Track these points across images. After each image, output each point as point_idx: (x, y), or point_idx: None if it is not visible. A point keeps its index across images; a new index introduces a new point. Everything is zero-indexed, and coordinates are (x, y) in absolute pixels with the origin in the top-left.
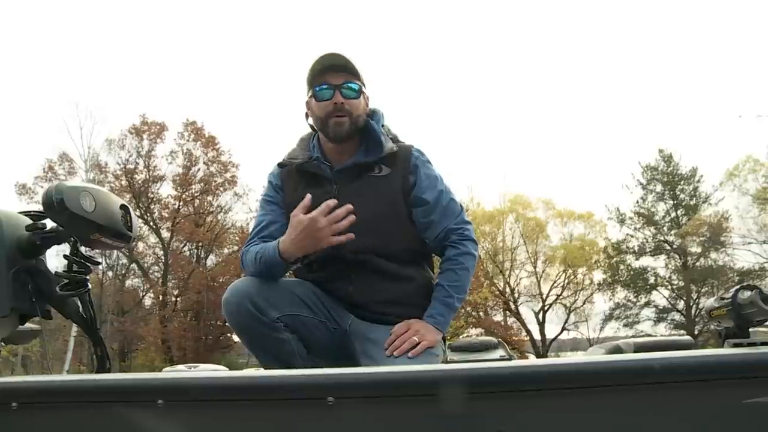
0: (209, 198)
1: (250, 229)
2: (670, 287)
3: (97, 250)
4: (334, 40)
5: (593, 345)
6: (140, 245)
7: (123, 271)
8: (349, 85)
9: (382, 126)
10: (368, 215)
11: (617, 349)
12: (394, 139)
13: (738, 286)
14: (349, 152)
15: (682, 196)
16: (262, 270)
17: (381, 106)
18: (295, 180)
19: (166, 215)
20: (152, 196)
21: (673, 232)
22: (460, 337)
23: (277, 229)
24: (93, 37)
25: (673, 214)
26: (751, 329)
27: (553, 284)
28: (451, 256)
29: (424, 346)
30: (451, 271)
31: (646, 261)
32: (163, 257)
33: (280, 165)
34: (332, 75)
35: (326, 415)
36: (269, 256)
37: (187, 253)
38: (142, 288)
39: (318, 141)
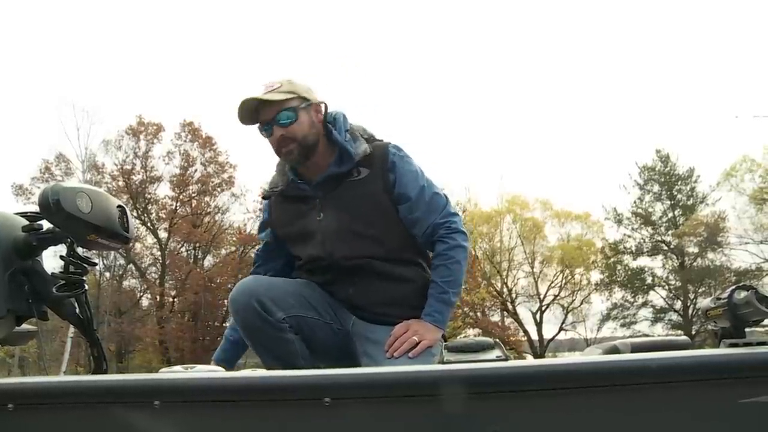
0: (207, 198)
1: (255, 229)
2: (667, 287)
3: (94, 251)
4: (332, 40)
5: (590, 345)
6: (137, 246)
7: (120, 272)
8: (280, 115)
9: (347, 130)
10: (354, 220)
11: (614, 350)
12: (370, 139)
13: (734, 286)
14: (323, 164)
15: (679, 196)
16: None
17: (379, 105)
18: (281, 206)
19: (164, 216)
20: (149, 196)
21: (670, 232)
22: (458, 337)
23: (272, 268)
24: (89, 37)
25: (670, 215)
26: (747, 329)
27: (550, 284)
28: (441, 251)
29: (423, 345)
30: (443, 266)
31: (643, 261)
32: (160, 258)
33: (264, 197)
34: (262, 111)
35: (323, 416)
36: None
37: (185, 253)
38: (139, 289)
39: None
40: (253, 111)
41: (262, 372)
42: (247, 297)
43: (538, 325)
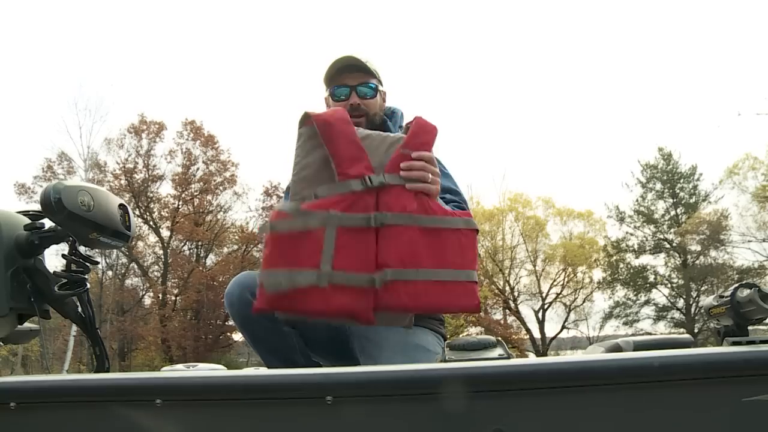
0: (209, 197)
1: (257, 228)
2: (669, 285)
3: (96, 250)
4: (332, 39)
5: (593, 343)
6: (140, 244)
7: (122, 271)
8: (365, 84)
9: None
10: None
11: (617, 348)
12: None
13: (737, 284)
14: None
15: (681, 194)
16: None
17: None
18: None
19: (166, 214)
20: (152, 195)
21: (672, 230)
22: (460, 335)
23: None
24: (92, 36)
25: (672, 213)
26: (750, 327)
27: (552, 283)
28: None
29: (428, 189)
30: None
31: (645, 259)
32: (162, 256)
33: None
34: (348, 75)
35: (325, 414)
36: None
37: (187, 252)
38: (141, 287)
39: None
40: (339, 71)
41: (263, 371)
42: (241, 289)
43: (541, 323)
